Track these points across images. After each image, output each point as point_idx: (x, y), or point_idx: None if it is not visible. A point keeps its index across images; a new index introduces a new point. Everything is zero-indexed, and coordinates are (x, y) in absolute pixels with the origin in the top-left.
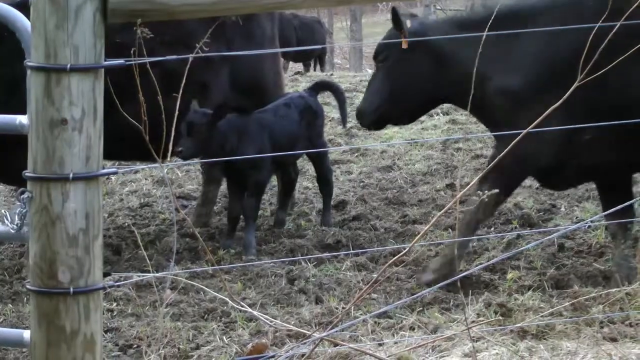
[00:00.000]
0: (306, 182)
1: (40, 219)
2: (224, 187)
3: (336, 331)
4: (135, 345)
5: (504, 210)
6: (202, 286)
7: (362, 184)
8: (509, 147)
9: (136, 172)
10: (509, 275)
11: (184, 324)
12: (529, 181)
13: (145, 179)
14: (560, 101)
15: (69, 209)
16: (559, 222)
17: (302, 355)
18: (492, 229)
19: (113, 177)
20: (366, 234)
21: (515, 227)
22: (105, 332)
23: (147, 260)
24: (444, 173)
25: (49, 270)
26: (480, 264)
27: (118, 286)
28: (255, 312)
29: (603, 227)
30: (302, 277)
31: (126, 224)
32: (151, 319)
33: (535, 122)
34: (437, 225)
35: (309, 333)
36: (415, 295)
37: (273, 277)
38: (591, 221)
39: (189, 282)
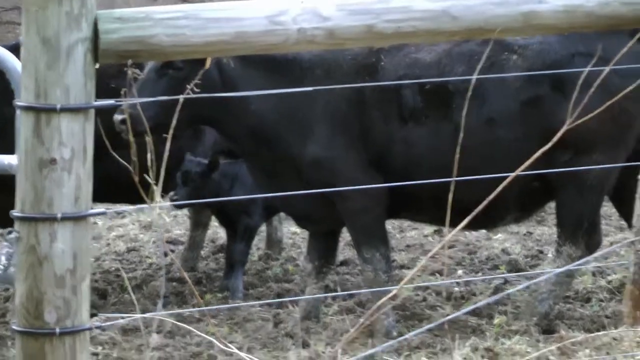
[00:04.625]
0: (294, 228)
1: (27, 259)
2: (210, 231)
3: None
4: None
5: (491, 256)
6: (189, 327)
7: None
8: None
9: (123, 216)
10: (496, 320)
11: None
12: (517, 227)
13: (133, 224)
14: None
15: (56, 249)
16: (545, 268)
17: None
18: (480, 273)
19: (100, 222)
20: (354, 278)
21: (503, 273)
22: None
23: (134, 304)
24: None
25: (35, 310)
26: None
27: (104, 328)
28: (241, 354)
29: (590, 273)
30: (289, 321)
31: (113, 268)
32: None
33: (524, 165)
34: (424, 270)
35: None
36: (401, 338)
37: (260, 321)
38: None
39: (176, 322)
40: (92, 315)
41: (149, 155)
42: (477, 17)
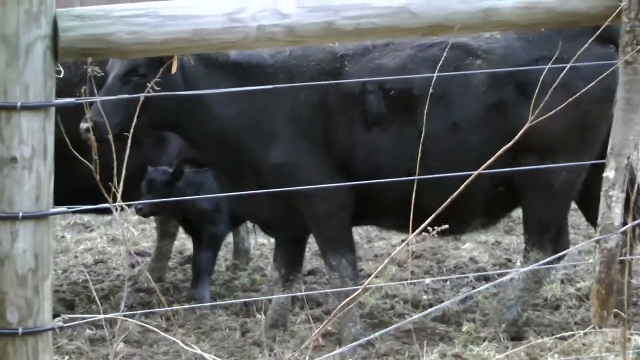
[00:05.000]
0: (261, 239)
1: None
2: (178, 243)
3: None
4: None
5: (459, 264)
6: (153, 328)
7: None
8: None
9: (91, 230)
10: (465, 328)
11: None
12: (485, 237)
13: (100, 237)
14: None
15: (18, 249)
16: (514, 277)
17: None
18: (447, 282)
19: (68, 235)
20: (321, 287)
21: (471, 281)
22: None
23: (101, 313)
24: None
25: None
26: (436, 316)
27: (67, 327)
28: (206, 355)
29: (558, 280)
30: (257, 330)
31: (80, 280)
32: None
33: (487, 163)
34: (392, 278)
35: None
36: (368, 337)
37: (227, 330)
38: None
39: (141, 323)
40: (55, 316)
41: (114, 162)
42: (437, 14)
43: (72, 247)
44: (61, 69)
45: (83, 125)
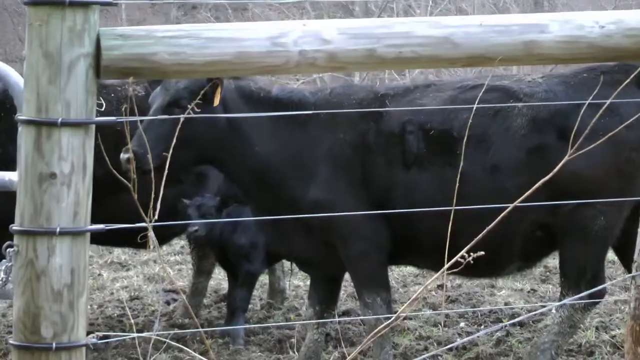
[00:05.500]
0: (297, 281)
1: (25, 273)
2: (214, 282)
3: None
4: None
5: (494, 310)
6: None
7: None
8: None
9: (127, 269)
10: None
11: None
12: (521, 284)
13: (137, 276)
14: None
15: (54, 264)
16: (548, 323)
17: None
18: (482, 326)
19: (105, 273)
20: (355, 328)
21: (506, 326)
22: None
23: (136, 348)
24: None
25: (32, 325)
26: (469, 358)
27: (100, 345)
28: None
29: (593, 328)
30: None
31: (115, 314)
32: None
33: (523, 196)
34: (426, 321)
35: None
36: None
37: None
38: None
39: (171, 343)
40: (89, 332)
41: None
42: (478, 45)
43: (108, 284)
44: (103, 102)
45: (124, 157)
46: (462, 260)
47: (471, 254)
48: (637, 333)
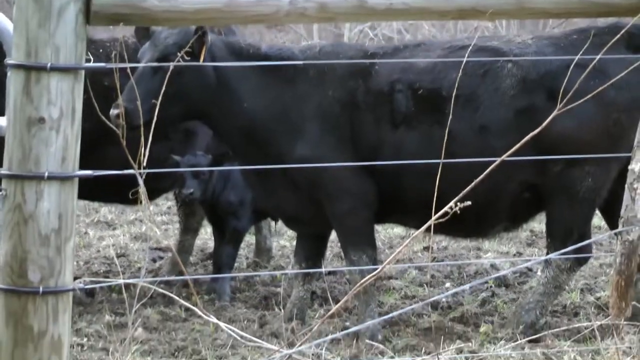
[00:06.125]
0: (283, 242)
1: (13, 217)
2: (200, 241)
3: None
4: None
5: (480, 271)
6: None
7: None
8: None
9: (114, 228)
10: (482, 328)
11: None
12: (507, 247)
13: (124, 235)
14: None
15: (42, 209)
16: (533, 285)
17: None
18: (468, 286)
19: (91, 232)
20: (341, 287)
21: (491, 287)
22: None
23: (122, 303)
24: (421, 238)
25: (19, 269)
26: (455, 317)
27: (87, 290)
28: (221, 324)
29: (578, 289)
30: (275, 322)
31: (101, 271)
32: (121, 354)
33: (511, 150)
34: (412, 281)
35: (277, 349)
36: (385, 317)
37: (245, 322)
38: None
39: (159, 289)
40: (76, 278)
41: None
42: None
43: (94, 242)
44: (91, 57)
45: (114, 112)
46: (449, 211)
47: (458, 204)
48: (622, 288)
